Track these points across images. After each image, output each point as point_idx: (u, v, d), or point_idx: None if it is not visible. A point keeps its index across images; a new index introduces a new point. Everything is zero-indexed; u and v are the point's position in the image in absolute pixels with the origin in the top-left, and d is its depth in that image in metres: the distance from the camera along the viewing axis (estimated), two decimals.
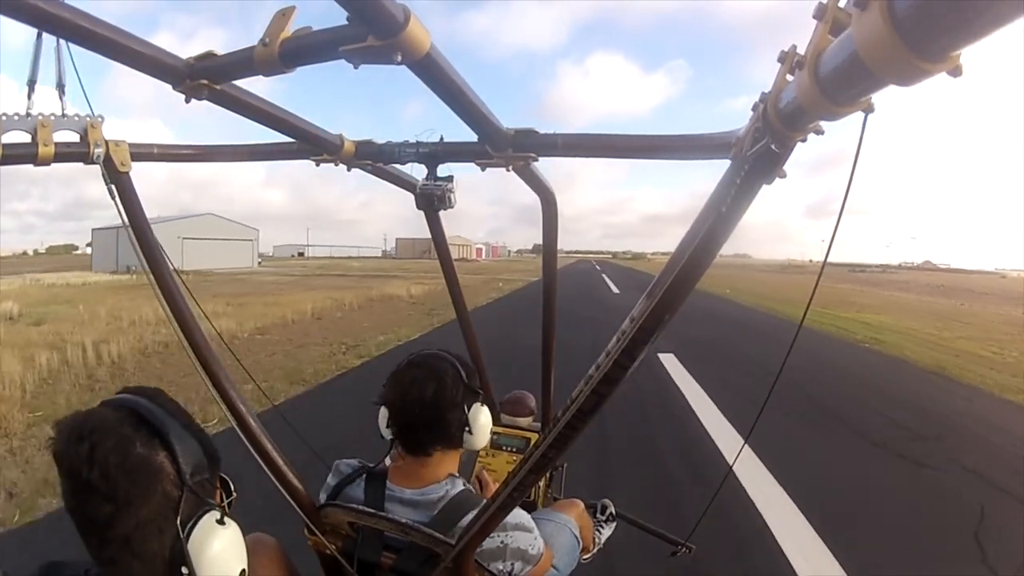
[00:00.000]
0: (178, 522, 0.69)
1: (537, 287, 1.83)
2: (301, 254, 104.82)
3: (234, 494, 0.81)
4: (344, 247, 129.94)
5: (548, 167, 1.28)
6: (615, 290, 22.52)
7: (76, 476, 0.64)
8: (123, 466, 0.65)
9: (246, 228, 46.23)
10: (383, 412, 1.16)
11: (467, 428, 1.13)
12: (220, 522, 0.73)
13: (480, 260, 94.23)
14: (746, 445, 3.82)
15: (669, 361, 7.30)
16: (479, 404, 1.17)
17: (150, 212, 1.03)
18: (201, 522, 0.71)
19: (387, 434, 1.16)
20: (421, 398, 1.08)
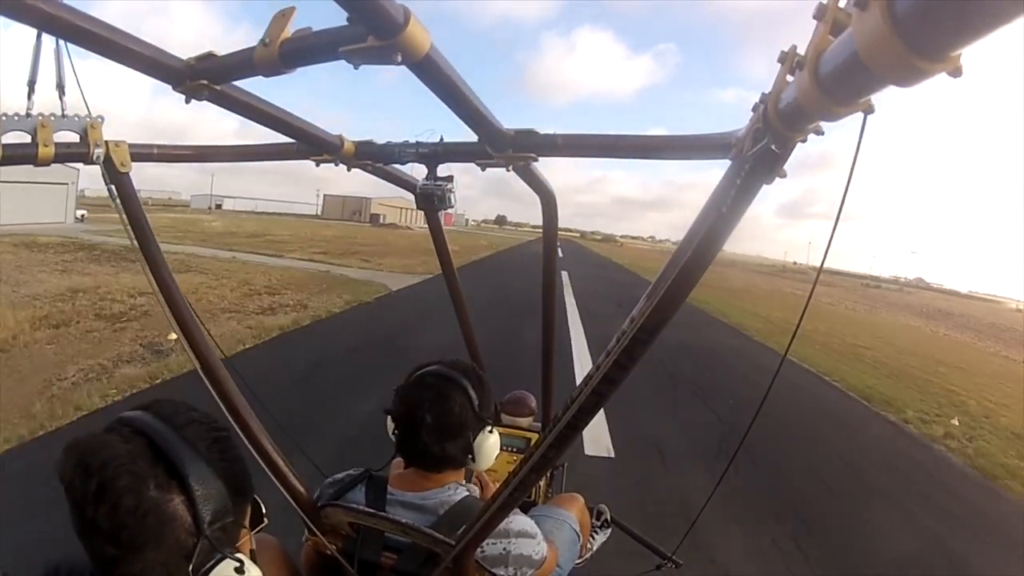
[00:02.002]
0: (190, 569, 0.62)
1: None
2: (219, 206, 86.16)
3: (265, 521, 0.74)
4: (273, 202, 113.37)
5: None
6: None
7: (81, 512, 0.59)
8: (134, 512, 0.59)
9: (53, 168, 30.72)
10: (391, 420, 1.15)
11: (471, 455, 1.12)
12: (239, 571, 0.65)
13: (416, 229, 60.22)
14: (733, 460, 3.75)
15: None
16: (487, 431, 1.14)
17: None
18: (216, 570, 0.64)
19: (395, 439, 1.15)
20: (424, 424, 1.06)
